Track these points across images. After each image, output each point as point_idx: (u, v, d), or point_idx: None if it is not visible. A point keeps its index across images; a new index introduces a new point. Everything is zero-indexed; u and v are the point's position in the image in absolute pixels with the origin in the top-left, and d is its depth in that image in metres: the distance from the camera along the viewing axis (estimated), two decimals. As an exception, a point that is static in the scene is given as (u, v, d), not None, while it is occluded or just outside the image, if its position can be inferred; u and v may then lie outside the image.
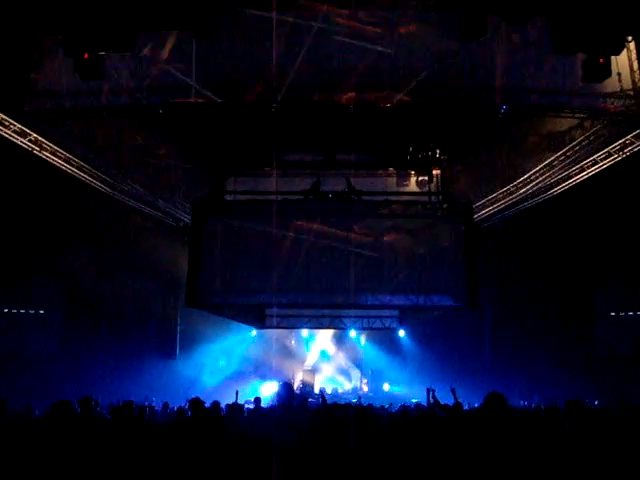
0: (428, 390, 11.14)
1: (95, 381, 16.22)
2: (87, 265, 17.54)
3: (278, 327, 24.34)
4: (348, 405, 9.15)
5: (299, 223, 18.56)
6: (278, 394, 6.59)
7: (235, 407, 10.51)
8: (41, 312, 18.64)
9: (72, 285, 18.27)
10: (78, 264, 17.46)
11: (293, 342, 26.91)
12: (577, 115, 15.24)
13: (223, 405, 10.37)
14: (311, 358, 26.90)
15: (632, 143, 15.07)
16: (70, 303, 18.44)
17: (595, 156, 16.07)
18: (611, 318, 19.37)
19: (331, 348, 27.08)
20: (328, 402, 11.33)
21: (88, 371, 16.86)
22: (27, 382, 15.51)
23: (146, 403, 14.77)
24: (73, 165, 16.36)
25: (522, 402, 16.72)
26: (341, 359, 26.90)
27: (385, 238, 18.65)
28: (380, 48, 13.87)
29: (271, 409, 9.27)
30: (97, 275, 17.80)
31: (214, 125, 17.30)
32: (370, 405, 11.81)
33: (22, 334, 18.18)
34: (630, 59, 13.62)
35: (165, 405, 14.12)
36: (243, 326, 24.58)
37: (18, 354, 17.14)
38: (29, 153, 15.11)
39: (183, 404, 10.84)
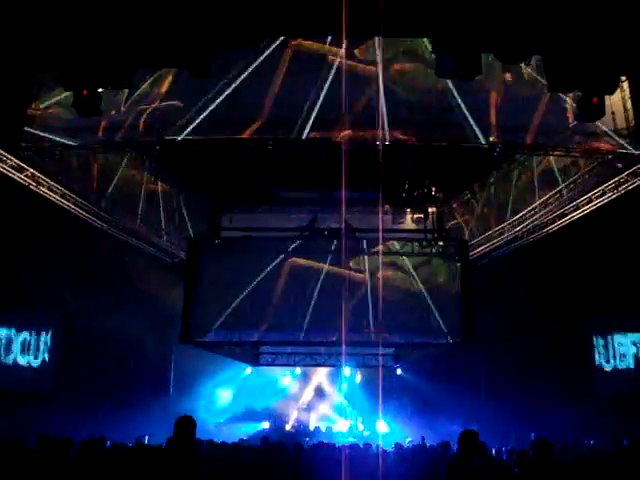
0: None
1: (87, 417, 15.99)
2: (81, 300, 17.42)
3: (272, 365, 24.13)
4: None
5: (295, 260, 18.57)
6: None
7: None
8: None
9: (65, 320, 18.13)
10: (72, 299, 17.36)
11: (288, 380, 26.61)
12: (572, 154, 15.36)
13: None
14: (306, 396, 26.62)
15: (626, 181, 15.15)
16: (63, 338, 18.28)
17: (590, 194, 16.12)
18: (608, 356, 19.27)
19: (327, 386, 26.80)
20: (323, 440, 11.23)
21: (80, 407, 16.62)
22: (19, 418, 15.33)
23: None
24: (69, 200, 16.37)
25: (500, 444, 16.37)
26: (336, 397, 26.62)
27: (381, 275, 18.63)
28: (376, 86, 14.01)
29: None
30: (91, 310, 17.65)
31: (211, 162, 17.37)
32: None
33: (15, 368, 18.00)
34: (624, 98, 13.78)
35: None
36: (237, 363, 24.37)
37: (10, 388, 16.95)
38: (26, 188, 15.12)
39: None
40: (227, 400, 25.02)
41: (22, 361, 18.18)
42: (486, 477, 5.54)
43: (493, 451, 12.66)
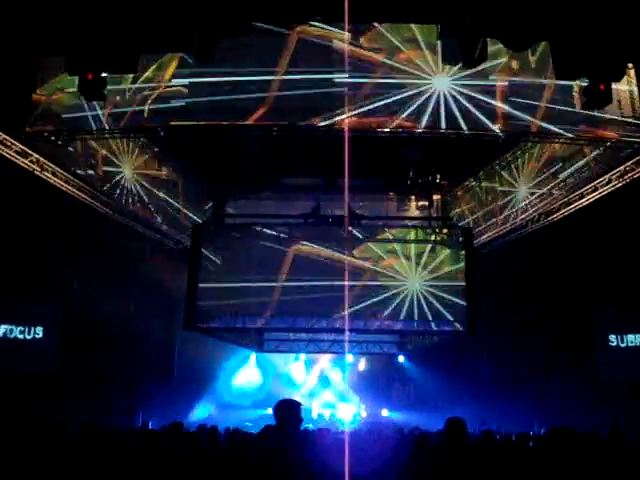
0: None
1: (91, 403, 16.05)
2: (86, 286, 17.45)
3: (276, 351, 24.21)
4: None
5: (299, 247, 18.57)
6: None
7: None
8: (39, 332, 18.52)
9: (70, 306, 18.14)
10: (77, 285, 17.39)
11: (291, 366, 26.70)
12: (577, 142, 15.29)
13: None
14: (309, 383, 26.71)
15: (632, 170, 15.11)
16: (68, 324, 18.31)
17: (595, 182, 16.09)
18: (610, 344, 19.24)
19: (331, 373, 26.89)
20: (325, 427, 11.26)
21: (84, 393, 16.68)
22: (23, 402, 15.38)
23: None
24: (73, 186, 16.38)
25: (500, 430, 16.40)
26: (340, 384, 26.72)
27: (385, 263, 18.63)
28: (381, 73, 13.96)
29: None
30: (96, 296, 17.67)
31: (215, 148, 17.37)
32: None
33: (20, 355, 18.04)
34: (630, 86, 13.71)
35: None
36: (242, 350, 24.45)
37: (15, 375, 16.99)
38: (30, 173, 15.14)
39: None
40: (254, 385, 25.26)
41: (25, 346, 18.25)
42: (477, 465, 5.52)
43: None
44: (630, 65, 12.72)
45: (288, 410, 4.94)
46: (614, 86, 9.56)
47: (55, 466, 6.13)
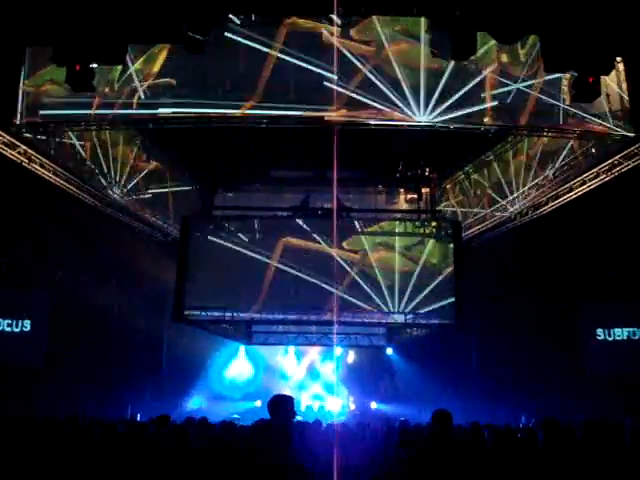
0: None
1: (80, 395, 16.01)
2: (74, 278, 17.39)
3: (265, 344, 24.19)
4: None
5: (288, 239, 18.55)
6: None
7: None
8: (26, 325, 18.46)
9: (59, 299, 18.08)
10: (65, 277, 17.32)
11: (282, 359, 26.69)
12: (566, 136, 15.34)
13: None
14: (298, 375, 26.72)
15: (620, 163, 15.18)
16: (57, 317, 18.24)
17: (583, 176, 16.15)
18: (597, 338, 19.36)
19: (320, 365, 26.89)
20: (314, 419, 11.27)
21: (72, 385, 16.63)
22: (11, 395, 15.34)
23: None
24: (61, 177, 16.29)
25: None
26: (329, 376, 26.73)
27: (373, 255, 18.64)
28: (371, 66, 13.95)
29: None
30: (84, 288, 17.62)
31: (204, 140, 17.30)
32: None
33: (7, 346, 17.98)
34: (619, 80, 13.77)
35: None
36: (231, 342, 24.42)
37: (2, 367, 16.93)
38: (18, 164, 15.05)
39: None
40: (245, 377, 25.25)
41: (13, 338, 18.20)
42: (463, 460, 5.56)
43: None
44: (619, 59, 12.78)
45: (282, 405, 5.08)
46: (602, 80, 9.60)
47: (39, 457, 6.13)
